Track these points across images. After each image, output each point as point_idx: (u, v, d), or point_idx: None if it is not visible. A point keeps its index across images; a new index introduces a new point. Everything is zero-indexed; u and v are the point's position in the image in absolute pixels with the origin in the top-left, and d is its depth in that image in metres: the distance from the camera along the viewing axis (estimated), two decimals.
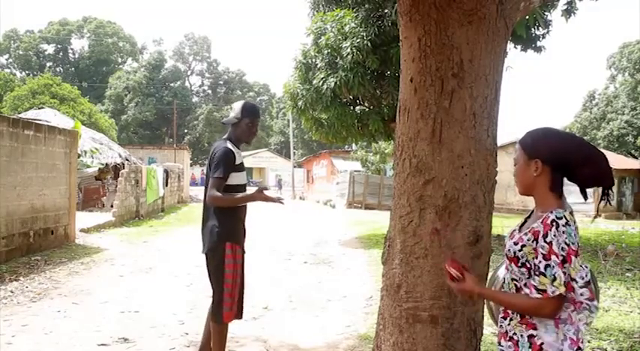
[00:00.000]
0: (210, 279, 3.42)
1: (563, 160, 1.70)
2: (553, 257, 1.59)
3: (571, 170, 1.70)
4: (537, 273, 1.63)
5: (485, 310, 2.40)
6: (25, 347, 3.96)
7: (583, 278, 1.61)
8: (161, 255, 8.54)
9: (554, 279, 1.59)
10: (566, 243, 1.59)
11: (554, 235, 1.59)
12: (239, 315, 3.44)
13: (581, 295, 1.60)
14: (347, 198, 22.81)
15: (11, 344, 4.01)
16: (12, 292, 5.64)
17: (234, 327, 4.47)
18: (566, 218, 1.62)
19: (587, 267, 1.72)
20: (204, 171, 3.50)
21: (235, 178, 3.30)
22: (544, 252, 1.61)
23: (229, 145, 3.31)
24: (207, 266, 3.40)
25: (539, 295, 1.63)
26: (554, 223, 1.61)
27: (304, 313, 5.17)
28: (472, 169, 2.30)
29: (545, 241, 1.61)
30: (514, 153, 1.84)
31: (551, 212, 1.64)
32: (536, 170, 1.72)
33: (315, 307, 5.37)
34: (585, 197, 1.78)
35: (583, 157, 1.69)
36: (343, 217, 18.01)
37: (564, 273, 1.59)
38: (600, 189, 1.75)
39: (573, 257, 1.59)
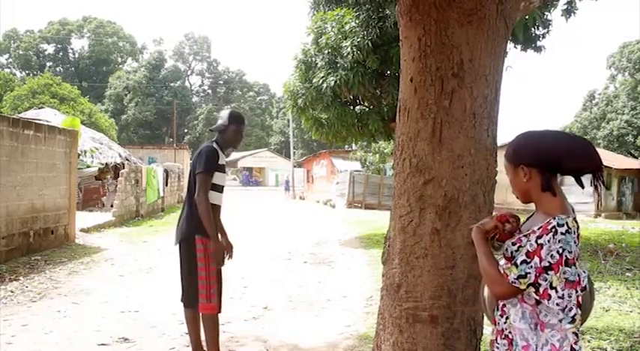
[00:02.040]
0: (181, 271, 3.58)
1: (545, 158, 1.69)
2: (536, 259, 1.59)
3: (558, 165, 1.69)
4: (513, 263, 1.64)
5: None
6: (25, 347, 3.96)
7: (564, 289, 1.59)
8: (161, 255, 8.54)
9: (523, 276, 1.60)
10: (558, 251, 1.58)
11: (548, 241, 1.59)
12: (219, 309, 3.48)
13: (557, 305, 1.59)
14: (347, 198, 22.80)
15: (11, 344, 4.00)
16: (12, 292, 5.64)
17: (234, 327, 4.48)
18: (568, 225, 1.60)
19: (585, 272, 1.72)
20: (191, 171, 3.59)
21: (216, 178, 3.46)
22: (530, 250, 1.61)
23: (215, 146, 3.51)
24: (180, 258, 3.55)
25: (502, 273, 1.65)
26: (553, 229, 1.60)
27: (304, 313, 5.17)
28: (472, 169, 2.30)
29: (536, 242, 1.61)
30: (504, 164, 1.83)
31: (554, 218, 1.63)
32: (525, 176, 1.72)
33: (315, 307, 5.37)
34: (582, 186, 1.76)
35: (564, 150, 1.68)
36: (343, 216, 18.00)
37: (545, 280, 1.59)
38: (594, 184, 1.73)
39: (561, 267, 1.57)
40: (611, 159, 24.56)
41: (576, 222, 1.65)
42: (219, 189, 3.52)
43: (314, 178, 32.57)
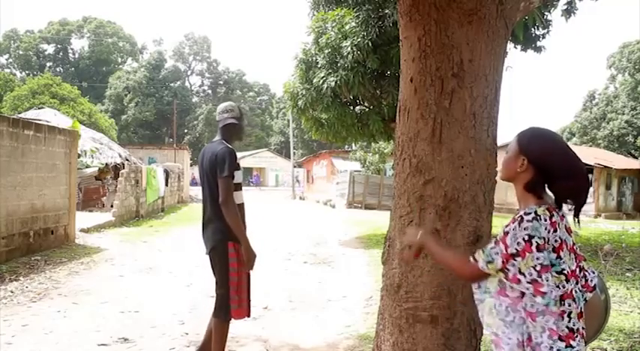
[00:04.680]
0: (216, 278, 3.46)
1: (547, 166, 1.71)
2: (501, 246, 1.65)
3: (552, 180, 1.72)
4: (483, 250, 1.71)
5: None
6: (25, 347, 3.96)
7: (532, 275, 1.63)
8: (161, 255, 8.54)
9: (490, 262, 1.67)
10: (524, 238, 1.61)
11: (513, 229, 1.64)
12: (248, 313, 3.47)
13: (527, 289, 1.64)
14: (347, 198, 22.79)
15: (11, 344, 4.01)
16: (12, 292, 5.64)
17: (234, 327, 4.47)
18: (536, 213, 1.64)
19: (594, 272, 1.77)
20: (200, 172, 3.52)
21: (236, 177, 3.38)
22: (497, 238, 1.68)
23: (230, 146, 3.43)
24: (212, 266, 3.44)
25: (471, 259, 1.74)
26: (519, 218, 1.65)
27: (304, 313, 5.17)
28: (472, 169, 2.30)
29: (503, 231, 1.67)
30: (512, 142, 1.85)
31: (524, 209, 1.69)
32: (521, 166, 1.74)
33: (315, 307, 5.37)
34: (560, 209, 1.77)
35: (566, 171, 1.70)
36: (343, 217, 18.00)
37: (513, 266, 1.63)
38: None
39: (529, 253, 1.61)
40: (611, 159, 24.59)
41: (554, 211, 1.67)
42: (239, 187, 3.46)
43: (314, 178, 32.57)
